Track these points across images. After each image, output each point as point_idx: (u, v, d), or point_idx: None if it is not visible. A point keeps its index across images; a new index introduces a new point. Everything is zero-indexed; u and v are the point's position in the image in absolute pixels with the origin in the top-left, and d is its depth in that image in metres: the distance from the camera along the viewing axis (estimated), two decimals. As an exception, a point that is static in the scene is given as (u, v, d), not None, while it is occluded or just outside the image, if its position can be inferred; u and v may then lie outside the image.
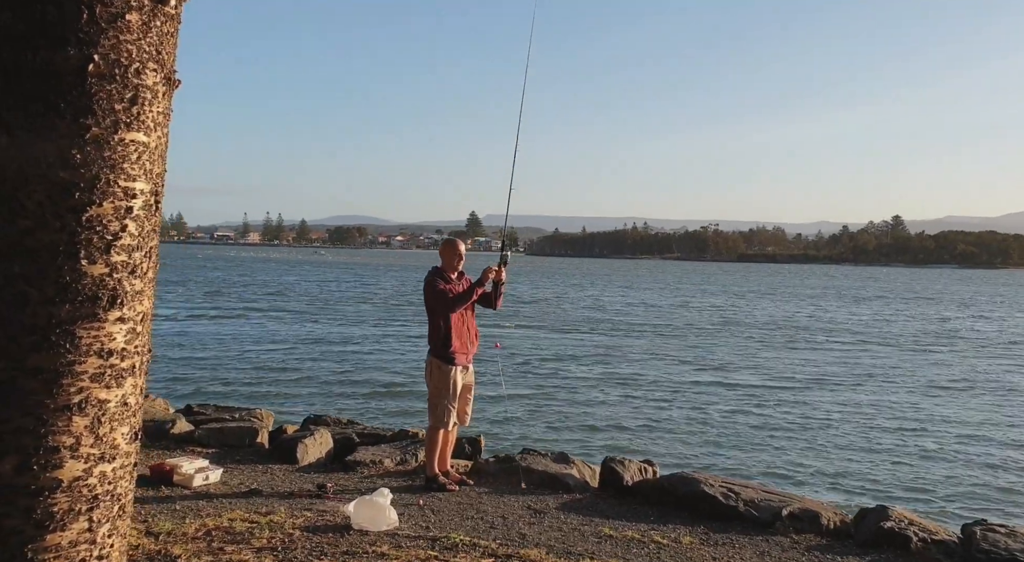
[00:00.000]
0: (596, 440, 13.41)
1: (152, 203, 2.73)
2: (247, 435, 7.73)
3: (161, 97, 2.72)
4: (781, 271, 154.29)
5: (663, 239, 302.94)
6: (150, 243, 2.74)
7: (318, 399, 16.43)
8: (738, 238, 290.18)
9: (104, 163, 2.56)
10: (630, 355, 25.08)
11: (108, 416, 2.65)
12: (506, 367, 21.35)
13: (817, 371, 22.55)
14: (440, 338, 6.36)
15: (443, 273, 6.49)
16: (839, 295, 69.89)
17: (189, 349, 23.41)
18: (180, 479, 6.26)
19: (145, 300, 2.75)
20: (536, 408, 16.11)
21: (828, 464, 12.36)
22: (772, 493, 6.10)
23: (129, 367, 2.70)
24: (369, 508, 5.26)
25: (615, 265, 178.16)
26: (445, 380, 6.35)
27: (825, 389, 19.53)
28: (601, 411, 15.99)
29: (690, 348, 27.40)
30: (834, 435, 14.40)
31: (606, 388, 18.66)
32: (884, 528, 5.34)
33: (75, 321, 2.54)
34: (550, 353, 24.96)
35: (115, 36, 2.55)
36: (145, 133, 2.67)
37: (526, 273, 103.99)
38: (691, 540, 5.32)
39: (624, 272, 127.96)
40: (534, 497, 6.21)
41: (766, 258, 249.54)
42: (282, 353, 23.29)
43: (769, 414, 16.15)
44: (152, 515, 5.33)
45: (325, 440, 7.62)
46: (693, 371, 21.96)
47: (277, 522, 5.23)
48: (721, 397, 17.92)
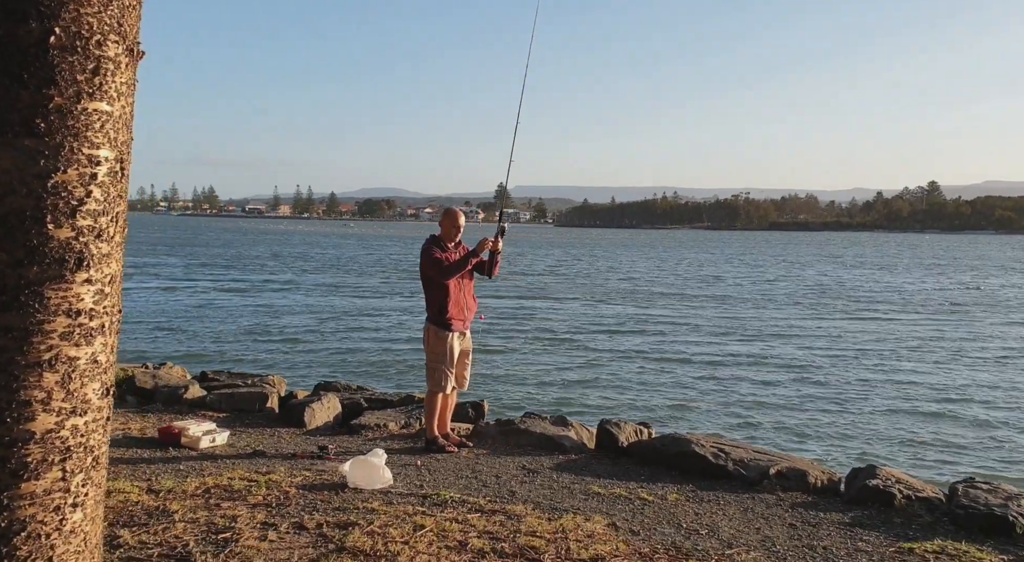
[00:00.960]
0: (607, 405, 13.54)
1: (117, 170, 2.85)
2: (257, 400, 7.95)
3: (124, 68, 2.83)
4: (812, 239, 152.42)
5: (693, 208, 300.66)
6: (116, 208, 2.86)
7: (333, 366, 16.77)
8: (769, 206, 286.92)
9: (68, 131, 2.67)
10: (650, 324, 25.12)
11: (78, 373, 2.79)
12: (528, 335, 21.56)
13: (845, 339, 22.48)
14: (437, 305, 6.49)
15: (440, 242, 6.60)
16: (867, 262, 69.17)
17: (211, 319, 23.83)
18: (187, 441, 6.47)
19: (113, 263, 2.87)
20: (551, 375, 16.28)
21: (841, 429, 12.40)
22: (763, 453, 6.19)
23: (98, 326, 2.83)
24: (364, 467, 5.42)
25: (642, 235, 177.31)
26: (442, 346, 6.49)
27: (850, 356, 19.48)
28: (612, 378, 16.12)
29: (712, 317, 27.37)
30: (857, 402, 14.40)
31: (625, 357, 18.78)
32: (869, 485, 5.41)
33: (43, 282, 2.67)
34: (574, 323, 25.08)
35: (76, 9, 2.66)
36: (108, 102, 2.78)
37: (549, 244, 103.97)
38: (677, 497, 5.44)
39: (650, 242, 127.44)
40: (530, 458, 6.35)
41: (798, 226, 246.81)
42: (301, 322, 23.67)
43: (786, 380, 16.19)
44: (156, 474, 5.54)
45: (333, 405, 7.81)
46: (712, 339, 21.98)
47: (275, 480, 5.42)
48: (737, 364, 17.97)
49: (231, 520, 4.58)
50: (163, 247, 68.28)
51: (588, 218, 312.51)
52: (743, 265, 62.42)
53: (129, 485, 5.17)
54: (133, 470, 5.65)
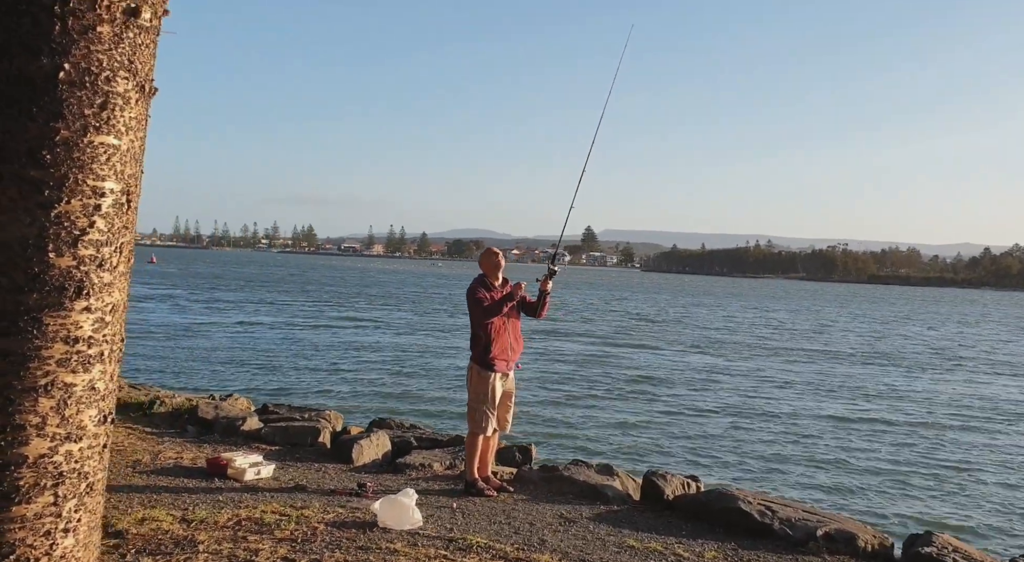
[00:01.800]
0: (666, 457, 13.20)
1: (123, 202, 2.92)
2: (309, 434, 8.01)
3: (134, 103, 2.92)
4: (918, 294, 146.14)
5: (787, 258, 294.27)
6: (121, 239, 2.93)
7: (396, 402, 16.90)
8: (868, 258, 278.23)
9: (73, 163, 2.76)
10: (731, 376, 24.52)
11: (74, 399, 2.84)
12: (598, 381, 21.29)
13: (934, 401, 21.48)
14: (480, 344, 6.45)
15: (486, 281, 6.58)
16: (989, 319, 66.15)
17: (293, 354, 24.36)
18: (233, 472, 6.55)
19: (115, 292, 2.94)
20: (614, 423, 15.99)
21: (913, 494, 11.77)
22: (813, 513, 5.89)
23: (97, 354, 2.89)
24: (393, 507, 5.38)
25: (733, 283, 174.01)
26: (484, 386, 6.43)
27: (930, 421, 18.58)
28: (677, 429, 15.73)
29: (803, 372, 26.56)
30: (927, 465, 13.69)
31: (697, 409, 18.31)
32: (921, 553, 5.09)
33: (42, 309, 2.75)
34: (650, 371, 24.69)
35: (86, 46, 2.76)
36: (116, 136, 2.86)
37: (633, 288, 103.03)
38: (715, 555, 5.21)
39: (741, 290, 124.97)
40: (570, 506, 6.20)
41: (898, 280, 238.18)
42: (377, 358, 24.05)
43: (854, 441, 15.52)
44: (194, 504, 5.61)
45: (382, 442, 7.81)
46: (790, 394, 21.28)
47: (306, 516, 5.41)
48: (806, 420, 17.34)
49: (253, 554, 4.59)
50: (268, 283, 70.54)
51: (676, 264, 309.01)
52: (848, 317, 60.33)
53: (164, 514, 5.24)
54: (174, 499, 5.74)
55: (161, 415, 8.70)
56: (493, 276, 6.62)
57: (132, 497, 5.68)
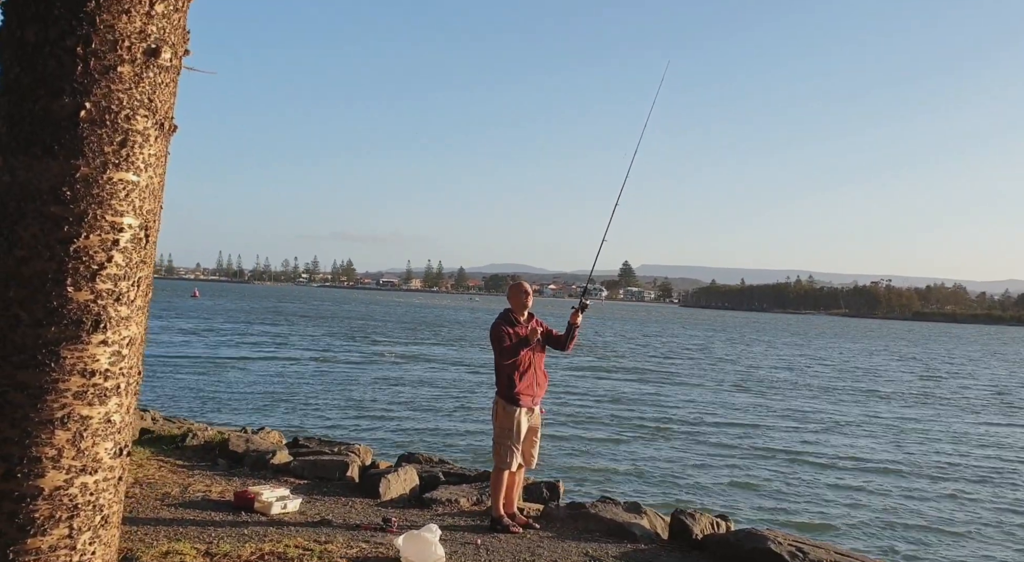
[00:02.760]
0: (696, 496, 12.98)
1: (142, 237, 2.97)
2: (338, 468, 8.00)
3: (153, 141, 2.98)
4: (967, 333, 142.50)
5: (829, 293, 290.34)
6: (139, 273, 2.98)
7: (426, 437, 16.86)
8: (913, 295, 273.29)
9: (92, 199, 2.82)
10: (763, 415, 24.14)
11: (90, 431, 2.87)
12: (630, 418, 21.08)
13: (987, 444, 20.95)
14: (506, 379, 6.42)
15: (511, 316, 6.57)
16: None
17: (326, 389, 24.49)
18: (260, 506, 6.56)
19: (132, 326, 2.98)
20: (646, 461, 15.79)
21: (958, 543, 11.42)
22: (846, 556, 5.74)
23: (113, 387, 2.92)
24: (416, 542, 5.34)
25: (774, 319, 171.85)
26: (509, 421, 6.40)
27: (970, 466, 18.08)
28: (707, 469, 15.48)
29: (850, 412, 26.08)
30: (968, 513, 13.30)
31: (724, 447, 18.01)
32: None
33: (60, 342, 2.79)
34: (678, 408, 24.43)
35: (107, 86, 2.83)
36: (135, 173, 2.92)
37: (666, 322, 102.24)
38: (742, 598, 5.09)
39: (782, 326, 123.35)
40: (596, 545, 6.11)
41: (944, 317, 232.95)
42: (412, 393, 24.08)
43: (894, 486, 15.14)
44: (220, 537, 5.62)
45: (410, 477, 7.78)
46: (831, 435, 20.88)
47: (329, 551, 5.40)
48: (845, 462, 17.00)
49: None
50: (306, 318, 71.22)
51: (715, 299, 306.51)
52: (893, 357, 59.15)
53: (188, 547, 5.26)
54: (200, 532, 5.76)
55: (193, 448, 8.77)
56: (519, 312, 6.61)
57: (159, 530, 5.71)
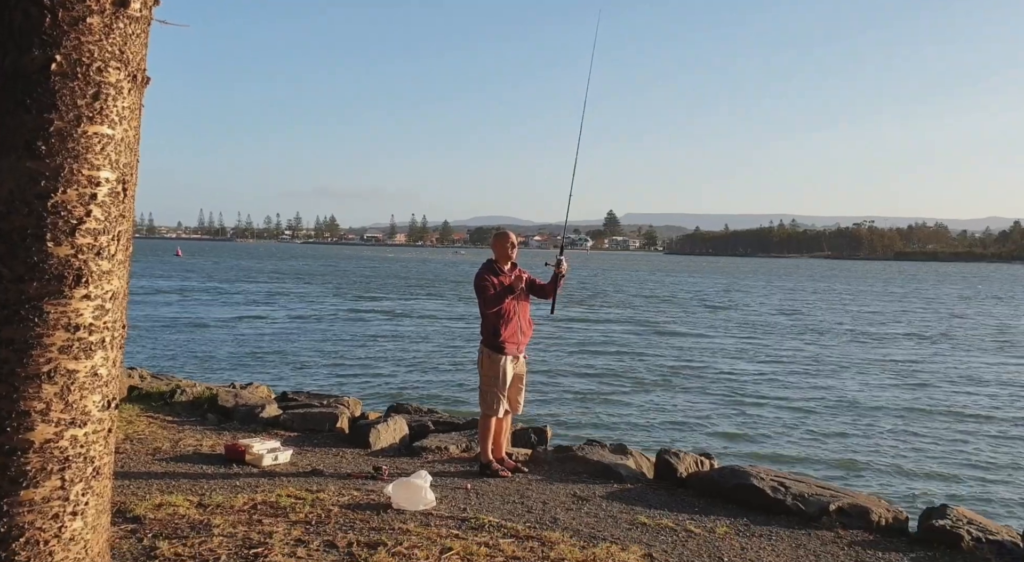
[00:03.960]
0: (680, 437, 13.22)
1: (120, 190, 2.96)
2: (328, 420, 8.09)
3: (127, 93, 2.95)
4: (950, 270, 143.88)
5: (812, 237, 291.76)
6: (118, 227, 2.97)
7: (414, 388, 17.02)
8: (895, 235, 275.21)
9: (68, 153, 2.80)
10: (743, 357, 24.44)
11: (78, 385, 2.89)
12: (617, 364, 21.30)
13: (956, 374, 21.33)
14: (491, 328, 6.48)
15: (494, 266, 6.60)
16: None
17: (314, 343, 24.58)
18: (251, 458, 6.64)
19: (114, 280, 2.98)
20: (631, 404, 16.01)
21: (929, 469, 11.72)
22: (827, 488, 5.88)
23: (98, 341, 2.94)
24: (407, 489, 5.44)
25: (758, 264, 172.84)
26: (495, 369, 6.47)
27: (950, 392, 18.44)
28: (691, 410, 15.74)
29: (818, 351, 26.43)
30: (944, 441, 13.62)
31: (708, 390, 18.29)
32: (935, 525, 5.08)
33: (42, 297, 2.80)
34: (662, 353, 24.67)
35: (76, 38, 2.79)
36: (109, 126, 2.90)
37: (656, 271, 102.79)
38: (726, 530, 5.23)
39: (768, 270, 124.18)
40: (583, 485, 6.24)
41: (926, 256, 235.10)
42: (391, 346, 24.20)
43: (869, 415, 15.48)
44: (212, 489, 5.70)
45: (399, 426, 7.88)
46: (812, 374, 21.21)
47: (321, 499, 5.49)
48: (821, 398, 17.29)
49: (267, 536, 4.66)
50: (290, 275, 71.01)
51: (699, 246, 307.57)
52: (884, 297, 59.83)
53: (181, 499, 5.33)
54: (192, 485, 5.83)
55: (182, 404, 8.83)
56: (503, 261, 6.63)
57: (151, 483, 5.78)
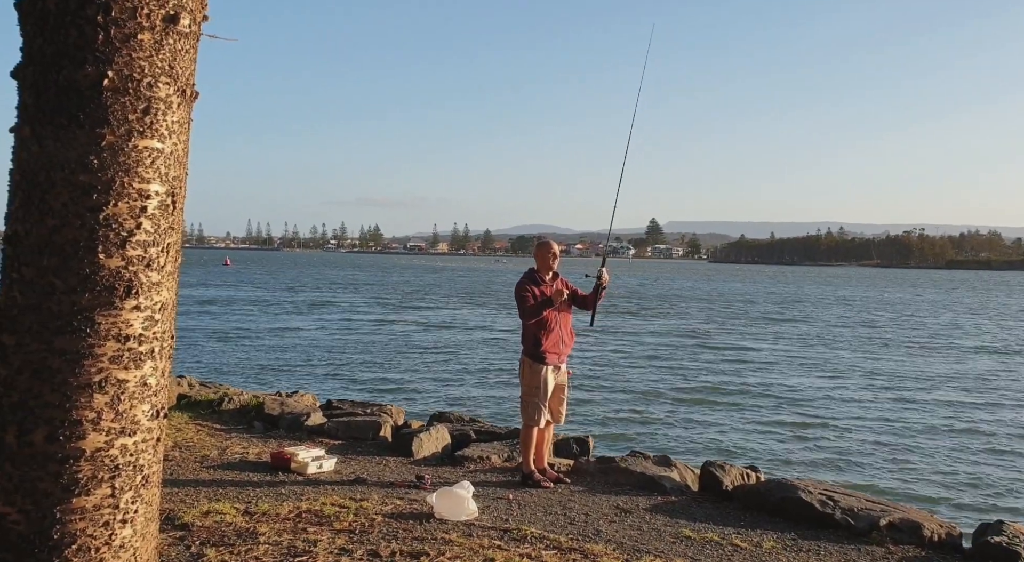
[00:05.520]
0: (725, 450, 13.05)
1: (169, 203, 3.02)
2: (371, 429, 8.14)
3: (176, 107, 3.01)
4: (997, 279, 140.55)
5: (861, 245, 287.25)
6: (167, 239, 3.03)
7: (457, 397, 17.08)
8: (946, 243, 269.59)
9: (119, 167, 2.87)
10: (793, 368, 24.10)
11: (128, 394, 2.95)
12: (659, 373, 21.14)
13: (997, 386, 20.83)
14: (532, 337, 6.46)
15: (535, 275, 6.59)
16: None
17: (359, 352, 24.76)
18: (296, 466, 6.70)
19: (164, 291, 3.04)
20: (675, 415, 15.87)
21: (984, 485, 11.42)
22: (876, 503, 5.76)
23: (148, 351, 2.99)
24: (449, 498, 5.44)
25: (801, 272, 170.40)
26: (536, 379, 6.45)
27: (994, 406, 18.01)
28: (738, 422, 15.55)
29: (871, 363, 25.97)
30: (999, 455, 13.28)
31: (755, 401, 18.04)
32: (990, 542, 4.95)
33: (94, 309, 2.86)
34: (706, 364, 24.43)
35: (128, 54, 2.86)
36: (159, 140, 2.96)
37: (693, 279, 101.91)
38: (773, 545, 5.14)
39: (816, 278, 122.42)
40: (627, 497, 6.18)
41: (978, 265, 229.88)
42: (435, 355, 24.36)
43: (923, 428, 15.18)
44: (258, 497, 5.76)
45: (442, 436, 7.89)
46: (862, 387, 20.84)
47: (365, 508, 5.51)
48: (872, 410, 16.97)
49: (311, 544, 4.70)
50: (335, 284, 71.80)
51: (744, 254, 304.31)
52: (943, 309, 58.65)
53: (228, 506, 5.39)
54: (239, 492, 5.90)
55: (230, 412, 8.94)
56: (544, 271, 6.62)
57: (199, 491, 5.86)
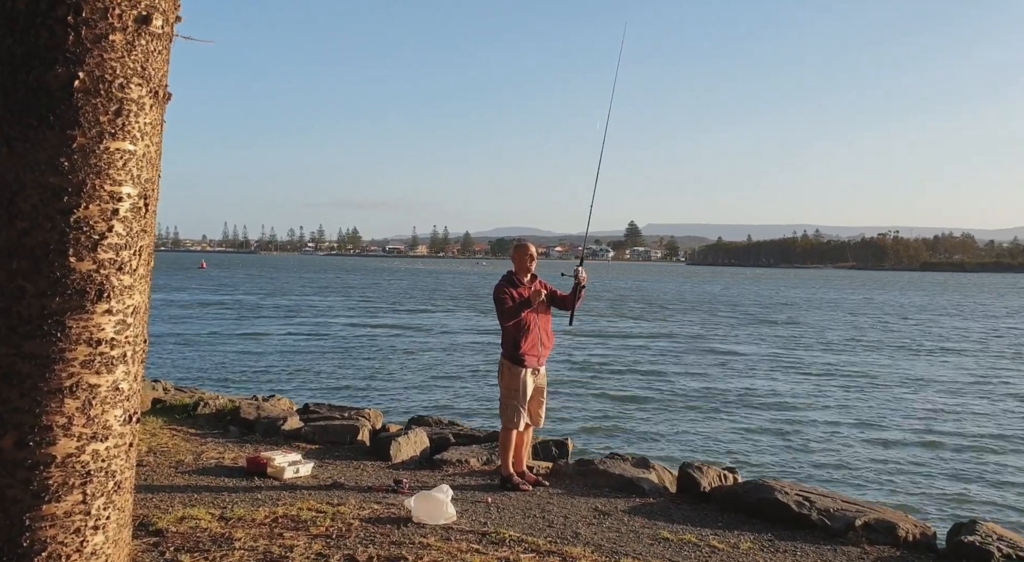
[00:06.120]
0: (705, 451, 13.11)
1: (141, 206, 2.99)
2: (349, 433, 8.09)
3: (148, 109, 2.98)
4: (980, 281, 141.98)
5: (836, 247, 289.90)
6: (140, 242, 3.00)
7: (435, 400, 17.04)
8: (920, 245, 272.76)
9: (90, 169, 2.83)
10: (771, 369, 24.25)
11: (99, 399, 2.91)
12: (637, 375, 21.20)
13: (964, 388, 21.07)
14: (511, 340, 6.45)
15: (514, 277, 6.58)
16: None
17: (336, 356, 24.64)
18: (273, 471, 6.64)
19: (136, 294, 3.00)
20: (653, 419, 15.91)
21: (957, 483, 11.55)
22: (852, 503, 5.79)
23: (120, 355, 2.96)
24: (428, 502, 5.41)
25: (777, 274, 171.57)
26: (515, 381, 6.44)
27: (967, 410, 18.22)
28: (717, 424, 15.63)
29: (837, 362, 26.18)
30: (972, 452, 13.45)
31: (732, 402, 18.16)
32: (964, 541, 4.99)
33: (65, 312, 2.82)
34: (683, 365, 24.53)
35: (99, 55, 2.83)
36: (131, 142, 2.93)
37: (680, 280, 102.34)
38: (750, 546, 5.16)
39: (786, 281, 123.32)
40: (605, 499, 6.19)
41: (952, 267, 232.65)
42: (413, 358, 24.29)
43: (898, 429, 15.31)
44: (233, 502, 5.71)
45: (420, 439, 7.86)
46: (829, 386, 21.00)
47: (342, 512, 5.48)
48: (850, 412, 17.12)
49: (288, 550, 4.66)
50: (312, 288, 71.42)
51: (722, 256, 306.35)
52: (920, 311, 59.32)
53: (203, 512, 5.34)
54: (214, 498, 5.84)
55: (205, 416, 8.86)
56: (523, 273, 6.61)
57: (174, 496, 5.80)
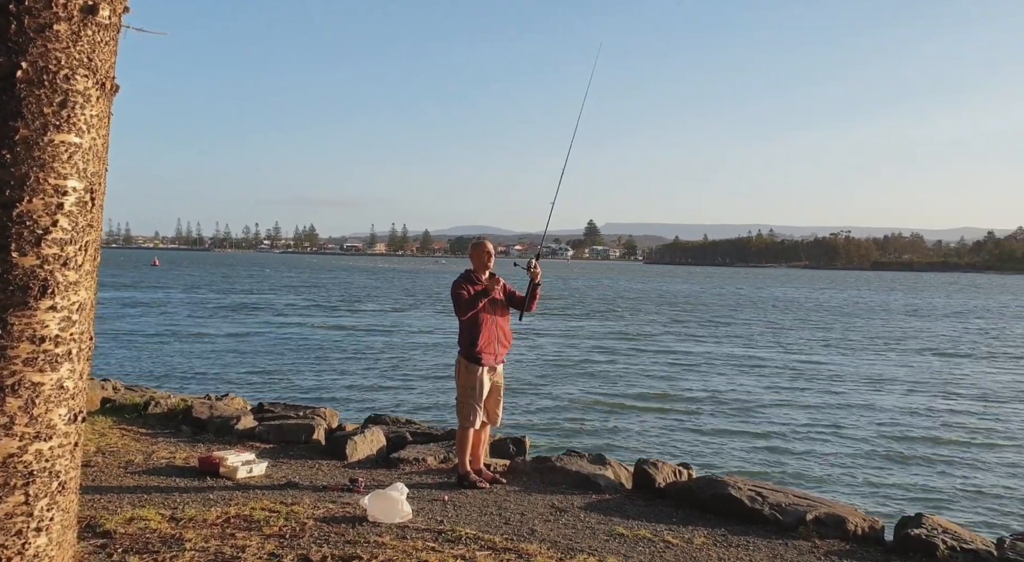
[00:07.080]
0: (661, 448, 13.22)
1: (87, 200, 2.92)
2: (304, 432, 8.00)
3: (95, 101, 2.91)
4: (926, 280, 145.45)
5: (790, 247, 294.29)
6: (86, 237, 2.93)
7: (392, 399, 16.94)
8: (871, 245, 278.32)
9: (34, 162, 2.76)
10: (727, 365, 24.53)
11: (43, 398, 2.84)
12: (597, 372, 21.29)
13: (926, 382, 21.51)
14: (468, 338, 6.44)
15: (471, 275, 6.56)
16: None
17: (291, 355, 24.40)
18: (225, 471, 6.55)
19: (82, 291, 2.93)
20: (611, 416, 16.01)
21: (910, 477, 11.78)
22: (803, 498, 5.88)
23: (65, 353, 2.89)
24: (383, 501, 5.38)
25: (731, 273, 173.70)
26: (472, 380, 6.43)
27: (917, 402, 18.61)
28: (673, 420, 15.78)
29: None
30: (922, 446, 13.74)
31: (691, 399, 18.34)
32: (910, 534, 5.10)
33: (7, 309, 2.75)
34: (641, 361, 24.71)
35: (43, 45, 2.75)
36: (77, 134, 2.86)
37: (638, 279, 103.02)
38: (703, 541, 5.21)
39: (736, 279, 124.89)
40: (562, 496, 6.20)
41: (902, 266, 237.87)
42: (369, 357, 24.13)
43: (850, 426, 15.59)
44: (184, 503, 5.62)
45: (377, 438, 7.81)
46: (785, 384, 21.30)
47: (296, 512, 5.42)
48: (804, 409, 17.37)
49: (240, 550, 4.59)
50: (267, 286, 70.63)
51: (679, 255, 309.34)
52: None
53: (153, 513, 5.25)
54: (164, 498, 5.74)
55: (156, 416, 8.72)
56: (480, 271, 6.60)
57: (122, 497, 5.69)
